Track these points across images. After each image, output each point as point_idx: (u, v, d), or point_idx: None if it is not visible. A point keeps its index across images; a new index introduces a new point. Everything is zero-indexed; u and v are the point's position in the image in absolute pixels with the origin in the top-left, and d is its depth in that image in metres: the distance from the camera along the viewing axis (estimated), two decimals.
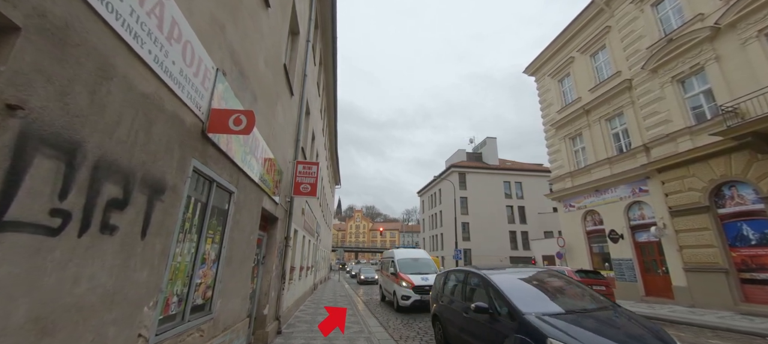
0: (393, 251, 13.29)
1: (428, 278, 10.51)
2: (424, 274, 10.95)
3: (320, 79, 13.53)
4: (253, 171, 4.28)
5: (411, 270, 11.25)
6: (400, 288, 10.53)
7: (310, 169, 7.11)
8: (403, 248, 14.03)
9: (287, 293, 8.05)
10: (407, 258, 12.33)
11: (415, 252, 13.30)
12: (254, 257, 5.58)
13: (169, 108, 2.29)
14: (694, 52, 11.96)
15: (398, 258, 12.22)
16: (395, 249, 13.43)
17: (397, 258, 12.16)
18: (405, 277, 10.71)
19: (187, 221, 2.70)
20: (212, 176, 3.04)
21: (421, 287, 10.10)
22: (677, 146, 12.27)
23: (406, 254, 12.83)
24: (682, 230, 11.92)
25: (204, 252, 3.07)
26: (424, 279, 10.44)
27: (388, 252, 13.99)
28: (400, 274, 10.94)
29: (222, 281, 3.49)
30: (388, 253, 14.07)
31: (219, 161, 3.18)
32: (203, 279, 3.11)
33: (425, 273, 11.21)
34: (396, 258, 12.20)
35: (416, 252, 13.32)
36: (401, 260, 12.11)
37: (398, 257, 12.34)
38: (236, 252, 3.91)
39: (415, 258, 12.49)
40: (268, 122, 5.07)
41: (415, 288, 10.12)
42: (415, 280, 10.41)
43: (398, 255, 12.50)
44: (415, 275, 10.82)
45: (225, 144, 3.21)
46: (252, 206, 4.47)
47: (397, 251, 13.01)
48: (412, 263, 12.03)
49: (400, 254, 12.67)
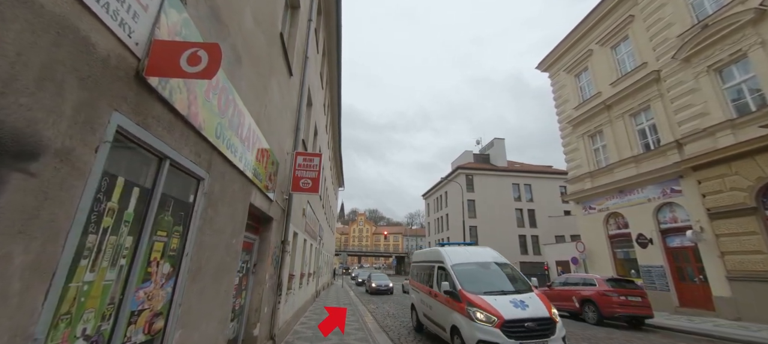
0: (438, 250, 7.72)
1: (525, 303, 5.59)
2: (511, 294, 5.89)
3: (323, 71, 12.59)
4: (235, 154, 3.27)
5: (483, 286, 6.08)
6: (470, 324, 5.39)
7: (311, 161, 6.10)
8: (455, 246, 8.09)
9: (285, 306, 7.01)
10: (469, 264, 6.86)
11: (478, 252, 7.52)
12: (242, 265, 4.55)
13: (64, 20, 1.29)
14: (735, 37, 10.85)
15: (453, 261, 6.87)
16: (441, 247, 7.83)
17: (453, 263, 6.78)
18: (478, 301, 5.55)
19: (108, 214, 1.68)
20: (161, 148, 2.02)
21: (520, 323, 5.22)
22: (716, 142, 11.11)
23: (464, 254, 7.24)
24: (723, 234, 10.73)
25: (148, 263, 2.05)
26: (519, 306, 5.50)
27: (428, 252, 8.61)
28: (467, 296, 5.75)
29: (184, 302, 2.46)
30: (426, 253, 8.78)
31: (173, 127, 2.16)
32: (148, 304, 2.08)
33: (512, 291, 6.02)
34: (448, 261, 6.89)
35: (479, 252, 7.53)
36: (459, 265, 6.72)
37: (452, 259, 6.96)
38: (209, 261, 2.88)
39: (481, 261, 7.05)
40: (259, 97, 4.06)
41: (506, 326, 5.15)
42: (503, 309, 5.36)
43: (451, 256, 7.10)
44: (497, 296, 5.75)
45: (183, 104, 2.19)
46: (234, 201, 3.45)
47: (449, 251, 7.42)
48: (479, 272, 6.65)
49: (453, 255, 7.17)
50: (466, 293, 5.83)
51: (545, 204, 36.34)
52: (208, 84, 2.54)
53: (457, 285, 6.11)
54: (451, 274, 6.45)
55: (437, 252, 7.62)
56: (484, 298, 5.63)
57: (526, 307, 5.47)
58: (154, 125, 1.95)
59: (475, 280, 6.29)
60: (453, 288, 6.16)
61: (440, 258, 7.24)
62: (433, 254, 7.88)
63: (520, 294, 5.93)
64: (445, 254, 7.20)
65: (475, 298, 5.64)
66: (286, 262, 6.44)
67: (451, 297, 6.09)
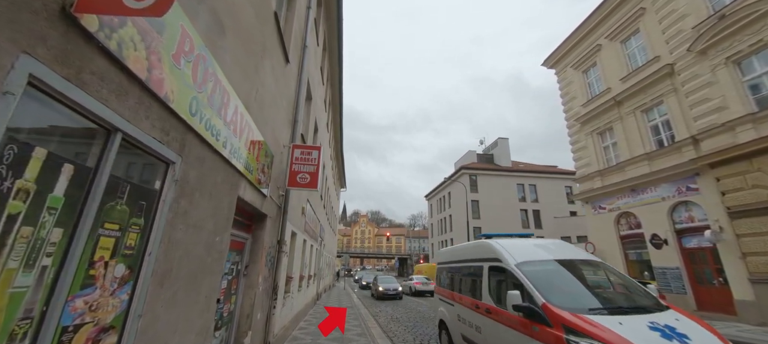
0: (487, 243, 5.25)
1: (676, 331, 3.14)
2: (638, 313, 3.53)
3: (324, 65, 12.18)
4: (218, 138, 2.82)
5: (583, 299, 3.75)
6: None
7: (309, 154, 5.65)
8: (511, 239, 5.59)
9: (282, 310, 6.55)
10: (545, 261, 4.48)
11: (547, 246, 5.08)
12: (231, 267, 4.10)
13: None
14: (755, 27, 10.33)
15: (517, 258, 4.43)
16: (490, 239, 5.50)
17: (517, 261, 4.36)
18: (592, 328, 3.10)
19: (18, 197, 1.23)
20: (107, 117, 1.58)
21: None
22: (736, 137, 10.56)
23: (530, 248, 4.85)
24: (745, 234, 10.16)
25: (90, 264, 1.60)
26: (672, 337, 3.02)
27: (469, 248, 6.11)
28: (563, 315, 3.34)
29: (147, 312, 2.01)
30: (464, 250, 6.32)
31: (126, 92, 1.71)
32: (90, 316, 1.62)
33: (635, 308, 3.69)
34: (509, 258, 4.46)
35: (550, 246, 5.11)
36: (529, 265, 4.31)
37: (515, 255, 4.51)
38: (183, 262, 2.43)
39: (561, 257, 4.63)
40: (248, 77, 3.62)
41: None
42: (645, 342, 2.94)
43: (511, 252, 4.65)
44: (617, 316, 3.35)
45: (139, 64, 1.75)
46: (218, 193, 3.00)
47: (506, 245, 4.90)
48: (566, 276, 4.26)
49: (514, 249, 4.72)
50: (558, 310, 3.37)
51: (550, 205, 35.71)
52: (178, 46, 2.10)
53: (537, 297, 3.59)
54: (522, 279, 3.92)
55: (487, 247, 5.13)
56: (598, 321, 3.17)
57: (688, 340, 2.97)
58: (95, 85, 1.50)
59: (563, 289, 3.87)
60: (530, 301, 3.63)
61: (494, 253, 4.79)
62: (480, 250, 5.37)
63: (652, 312, 3.51)
64: (501, 249, 4.69)
65: (582, 321, 3.17)
66: (282, 263, 6.00)
67: (528, 316, 3.57)
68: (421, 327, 10.11)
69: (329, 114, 15.96)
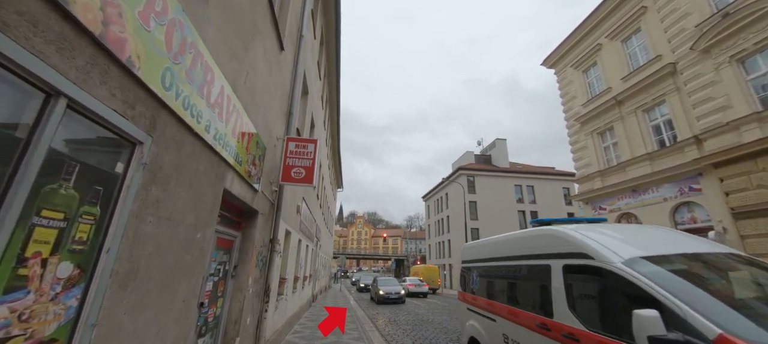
0: (561, 231, 3.28)
1: None
2: None
3: (321, 60, 11.85)
4: (199, 121, 2.48)
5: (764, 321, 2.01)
6: None
7: (305, 148, 5.31)
8: (586, 224, 3.72)
9: (275, 313, 6.19)
10: (674, 255, 2.68)
11: (661, 236, 3.22)
12: (218, 268, 3.75)
13: None
14: (760, 25, 10.17)
15: (625, 255, 2.61)
16: (569, 228, 3.32)
17: (625, 258, 2.56)
18: None
19: None
20: (43, 75, 1.24)
21: None
22: (740, 136, 10.39)
23: (639, 237, 3.14)
24: (749, 235, 9.98)
25: (18, 261, 1.26)
26: None
27: (525, 239, 4.06)
28: None
29: (105, 321, 1.66)
30: (515, 242, 4.33)
31: (71, 46, 1.37)
32: (19, 327, 1.28)
33: None
34: (612, 256, 2.63)
35: (664, 237, 3.22)
36: (670, 279, 2.31)
37: (621, 251, 2.66)
38: (154, 260, 2.08)
39: (692, 251, 2.80)
40: (236, 57, 3.28)
41: None
42: None
43: (611, 245, 2.77)
44: None
45: (91, 14, 1.41)
46: (199, 183, 2.66)
47: (598, 237, 2.96)
48: (714, 280, 2.50)
49: (613, 243, 2.83)
50: None
51: (548, 206, 35.56)
52: (146, 4, 1.76)
53: (700, 323, 1.93)
54: (655, 289, 2.21)
55: (558, 237, 3.34)
56: None
57: None
58: (23, 30, 1.16)
59: (736, 306, 2.16)
60: (683, 329, 1.96)
61: (575, 246, 3.05)
62: (544, 242, 3.56)
63: None
64: (588, 241, 2.95)
65: None
66: (275, 264, 5.64)
67: None
68: (421, 329, 9.80)
69: (326, 111, 15.62)
